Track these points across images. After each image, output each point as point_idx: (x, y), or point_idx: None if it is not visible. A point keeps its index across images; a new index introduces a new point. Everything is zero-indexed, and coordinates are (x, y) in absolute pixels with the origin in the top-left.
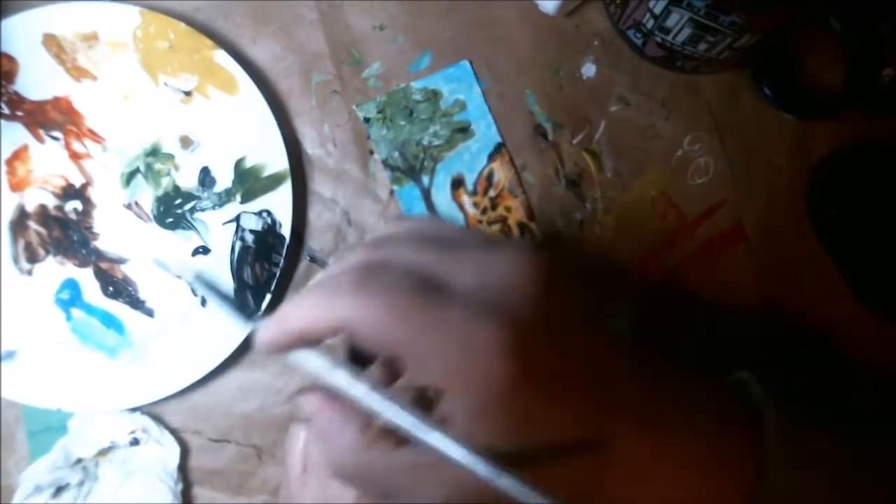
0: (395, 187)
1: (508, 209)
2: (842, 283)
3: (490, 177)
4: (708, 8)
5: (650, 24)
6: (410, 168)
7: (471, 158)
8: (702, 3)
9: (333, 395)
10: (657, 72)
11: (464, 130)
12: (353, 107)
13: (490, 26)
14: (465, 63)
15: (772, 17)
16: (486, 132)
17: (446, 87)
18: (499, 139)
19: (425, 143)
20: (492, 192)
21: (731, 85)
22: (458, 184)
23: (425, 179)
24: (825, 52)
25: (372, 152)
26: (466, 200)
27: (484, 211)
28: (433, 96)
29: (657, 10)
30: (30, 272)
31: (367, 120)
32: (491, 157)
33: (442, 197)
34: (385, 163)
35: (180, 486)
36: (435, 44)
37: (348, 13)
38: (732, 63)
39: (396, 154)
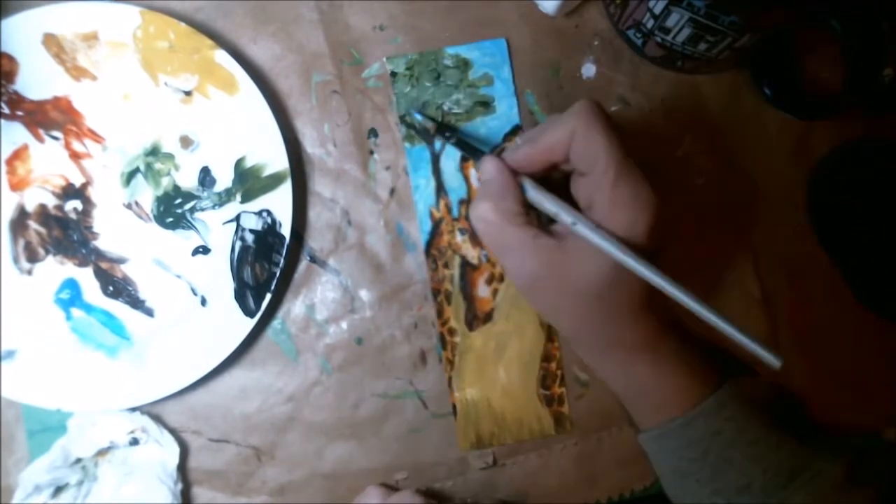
0: (407, 145)
1: None
2: (842, 283)
3: None
4: (708, 8)
5: (650, 24)
6: (425, 130)
7: (487, 133)
8: (702, 3)
9: (507, 168)
10: (657, 72)
11: (486, 105)
12: (384, 59)
13: (490, 26)
14: (503, 41)
15: (772, 17)
16: (507, 112)
17: (478, 59)
18: (518, 121)
19: (445, 108)
20: None
21: (731, 85)
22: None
23: (437, 144)
24: (825, 52)
25: (372, 152)
26: (473, 174)
27: None
28: (463, 65)
29: (657, 10)
30: (30, 272)
31: (393, 74)
32: (506, 137)
33: (450, 165)
34: (402, 119)
35: (180, 487)
36: (435, 44)
37: (348, 13)
38: (732, 63)
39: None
